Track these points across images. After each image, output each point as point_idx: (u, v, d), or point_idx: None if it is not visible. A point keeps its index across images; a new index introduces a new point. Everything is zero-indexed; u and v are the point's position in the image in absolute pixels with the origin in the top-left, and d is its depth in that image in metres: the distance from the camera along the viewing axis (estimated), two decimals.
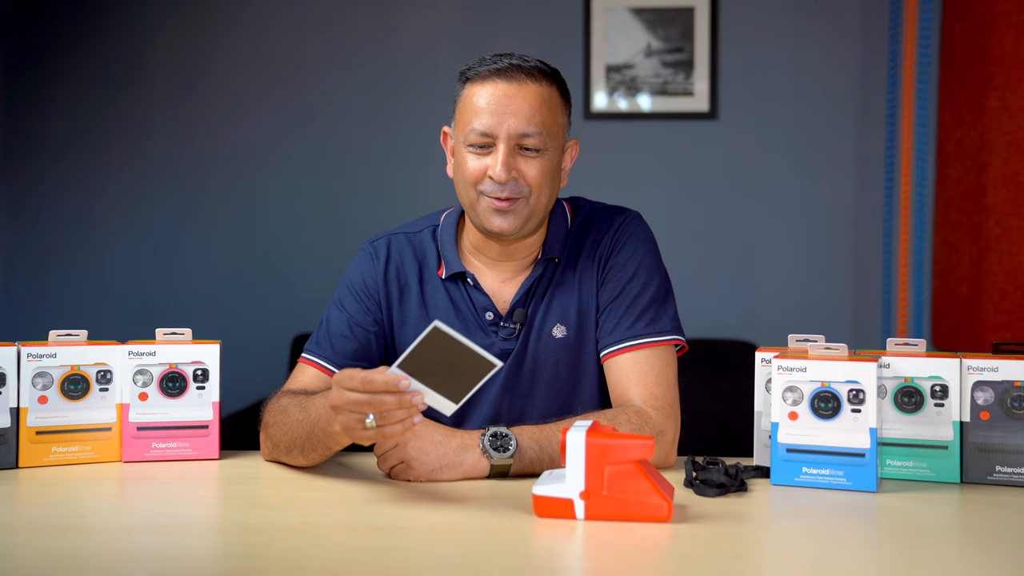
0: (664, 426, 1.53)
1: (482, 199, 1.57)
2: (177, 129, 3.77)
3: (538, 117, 1.55)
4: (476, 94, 1.56)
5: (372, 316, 1.66)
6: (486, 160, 1.56)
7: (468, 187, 1.58)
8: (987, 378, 1.43)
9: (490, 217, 1.57)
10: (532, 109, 1.54)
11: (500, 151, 1.54)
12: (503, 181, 1.54)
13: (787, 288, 3.64)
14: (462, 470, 1.43)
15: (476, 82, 1.57)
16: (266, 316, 3.72)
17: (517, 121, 1.54)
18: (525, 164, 1.55)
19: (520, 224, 1.57)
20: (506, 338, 1.63)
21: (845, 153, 3.62)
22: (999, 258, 2.98)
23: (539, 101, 1.55)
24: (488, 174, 1.55)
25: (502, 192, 1.55)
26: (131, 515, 1.35)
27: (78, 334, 1.60)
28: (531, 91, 1.55)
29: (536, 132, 1.55)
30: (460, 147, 1.59)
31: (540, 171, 1.56)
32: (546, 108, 1.56)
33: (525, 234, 1.61)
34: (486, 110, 1.54)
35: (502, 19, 3.69)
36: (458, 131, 1.60)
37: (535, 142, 1.55)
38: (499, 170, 1.53)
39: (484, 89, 1.56)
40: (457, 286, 1.66)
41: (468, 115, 1.56)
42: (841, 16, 3.61)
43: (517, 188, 1.55)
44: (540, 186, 1.57)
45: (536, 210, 1.58)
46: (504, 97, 1.54)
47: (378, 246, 1.70)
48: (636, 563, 1.13)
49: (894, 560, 1.13)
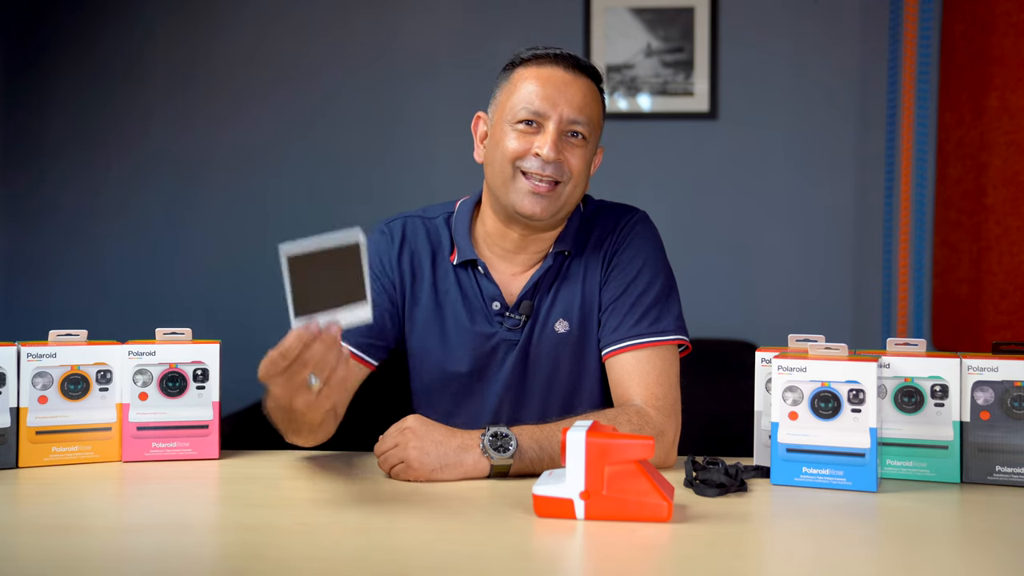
0: (664, 426, 1.53)
1: (519, 179, 1.57)
2: (177, 128, 3.77)
3: (588, 109, 1.58)
4: (532, 76, 1.58)
5: (388, 295, 1.66)
6: (532, 139, 1.57)
7: (506, 163, 1.58)
8: (987, 378, 1.43)
9: (523, 199, 1.57)
10: (584, 100, 1.58)
11: (550, 131, 1.56)
12: (550, 160, 1.55)
13: (787, 288, 3.64)
14: (462, 470, 1.43)
15: (532, 64, 1.59)
16: (266, 316, 3.70)
17: (570, 108, 1.56)
18: (570, 151, 1.57)
19: (554, 211, 1.58)
20: (511, 329, 1.64)
21: (845, 153, 3.61)
22: (999, 258, 2.97)
23: (590, 95, 1.60)
24: (535, 151, 1.56)
25: (544, 170, 1.55)
26: (131, 515, 1.35)
27: (78, 334, 1.60)
28: (585, 83, 1.59)
29: (585, 121, 1.58)
30: (503, 125, 1.59)
31: (582, 160, 1.58)
32: (594, 104, 1.60)
33: (551, 224, 1.62)
34: (542, 91, 1.56)
35: (502, 19, 3.68)
36: (502, 111, 1.60)
37: (583, 131, 1.57)
38: (548, 149, 1.54)
39: (542, 71, 1.58)
40: (468, 273, 1.66)
41: (520, 94, 1.58)
42: (841, 16, 3.61)
43: (559, 171, 1.57)
44: (579, 175, 1.59)
45: (569, 201, 1.60)
46: (561, 82, 1.57)
47: (393, 227, 1.70)
48: (636, 563, 1.13)
49: (894, 560, 1.13)
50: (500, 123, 1.60)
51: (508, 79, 1.61)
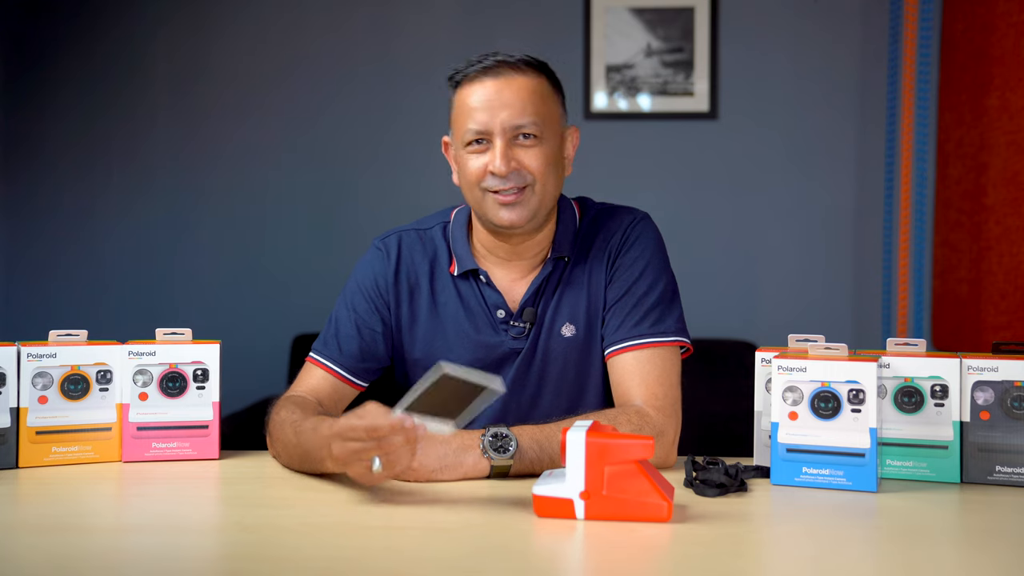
0: (664, 426, 1.53)
1: (487, 197, 1.57)
2: (177, 129, 3.77)
3: (530, 107, 1.56)
4: (467, 96, 1.57)
5: (380, 316, 1.66)
6: (485, 158, 1.56)
7: (473, 187, 1.59)
8: (987, 378, 1.43)
9: (497, 212, 1.57)
10: (523, 101, 1.56)
11: (497, 145, 1.55)
12: (503, 174, 1.54)
13: (787, 288, 3.64)
14: (462, 471, 1.43)
15: (465, 84, 1.58)
16: (266, 316, 3.71)
17: (510, 114, 1.55)
18: (524, 154, 1.56)
19: (530, 215, 1.58)
20: (516, 337, 1.64)
21: (845, 153, 3.62)
22: (999, 258, 2.97)
23: (528, 92, 1.57)
24: (489, 169, 1.55)
25: (505, 184, 1.55)
26: (131, 515, 1.35)
27: (78, 334, 1.60)
28: (520, 83, 1.57)
29: (530, 122, 1.56)
30: (460, 151, 1.60)
31: (541, 159, 1.57)
32: (537, 98, 1.57)
33: (534, 227, 1.61)
34: (478, 109, 1.55)
35: (502, 19, 3.69)
36: (456, 136, 1.61)
37: (532, 130, 1.56)
38: (498, 163, 1.54)
39: (473, 89, 1.57)
40: (469, 283, 1.66)
41: (463, 118, 1.58)
42: (841, 16, 3.61)
43: (520, 178, 1.56)
44: (544, 174, 1.57)
45: (544, 200, 1.59)
46: (494, 94, 1.55)
47: (388, 243, 1.70)
48: (636, 563, 1.13)
49: (894, 560, 1.13)
50: (458, 148, 1.61)
51: (453, 103, 1.61)
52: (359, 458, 1.28)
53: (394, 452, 1.27)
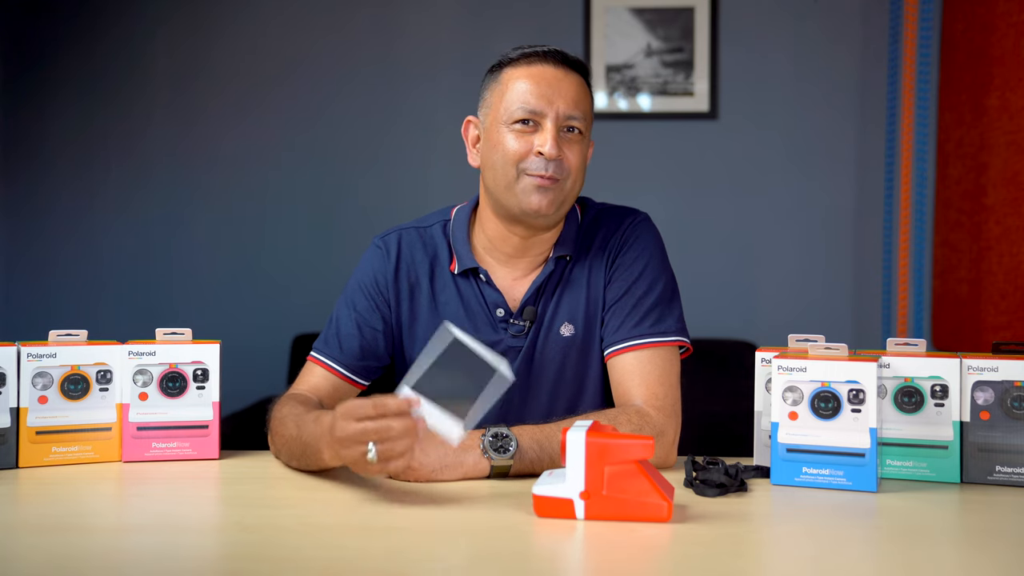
0: (665, 426, 1.53)
1: (523, 178, 1.57)
2: (177, 128, 3.78)
3: (582, 104, 1.58)
4: (523, 74, 1.57)
5: (380, 314, 1.66)
6: (531, 139, 1.56)
7: (508, 166, 1.57)
8: (987, 378, 1.43)
9: (530, 195, 1.56)
10: (577, 96, 1.58)
11: (549, 129, 1.55)
12: (553, 157, 1.54)
13: (787, 288, 3.64)
14: (462, 471, 1.43)
15: (521, 64, 1.58)
16: (266, 316, 3.72)
17: (566, 104, 1.56)
18: (568, 147, 1.57)
19: (557, 205, 1.58)
20: (515, 335, 1.64)
21: (845, 153, 3.62)
22: (999, 258, 2.97)
23: (582, 91, 1.59)
24: (537, 150, 1.55)
25: (547, 169, 1.55)
26: (131, 515, 1.35)
27: (78, 334, 1.60)
28: (575, 79, 1.59)
29: (580, 117, 1.57)
30: (498, 127, 1.58)
31: (580, 156, 1.58)
32: (586, 99, 1.60)
33: (554, 220, 1.61)
34: (536, 89, 1.56)
35: (502, 19, 3.69)
36: (495, 113, 1.59)
37: (579, 125, 1.57)
38: (550, 146, 1.54)
39: (532, 69, 1.57)
40: (469, 282, 1.66)
41: (513, 94, 1.57)
42: (841, 16, 3.61)
43: (560, 169, 1.56)
44: (577, 171, 1.59)
45: (569, 196, 1.59)
46: (553, 79, 1.57)
47: (388, 241, 1.69)
48: (636, 563, 1.13)
49: (894, 560, 1.13)
50: (495, 125, 1.58)
51: (497, 80, 1.60)
52: (357, 440, 1.27)
53: (392, 439, 1.26)
